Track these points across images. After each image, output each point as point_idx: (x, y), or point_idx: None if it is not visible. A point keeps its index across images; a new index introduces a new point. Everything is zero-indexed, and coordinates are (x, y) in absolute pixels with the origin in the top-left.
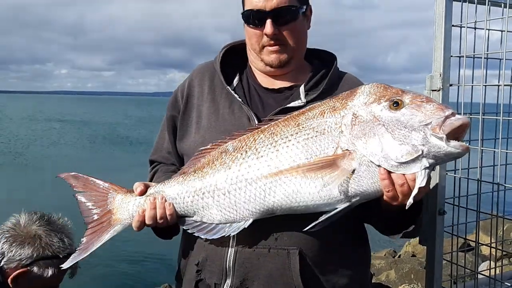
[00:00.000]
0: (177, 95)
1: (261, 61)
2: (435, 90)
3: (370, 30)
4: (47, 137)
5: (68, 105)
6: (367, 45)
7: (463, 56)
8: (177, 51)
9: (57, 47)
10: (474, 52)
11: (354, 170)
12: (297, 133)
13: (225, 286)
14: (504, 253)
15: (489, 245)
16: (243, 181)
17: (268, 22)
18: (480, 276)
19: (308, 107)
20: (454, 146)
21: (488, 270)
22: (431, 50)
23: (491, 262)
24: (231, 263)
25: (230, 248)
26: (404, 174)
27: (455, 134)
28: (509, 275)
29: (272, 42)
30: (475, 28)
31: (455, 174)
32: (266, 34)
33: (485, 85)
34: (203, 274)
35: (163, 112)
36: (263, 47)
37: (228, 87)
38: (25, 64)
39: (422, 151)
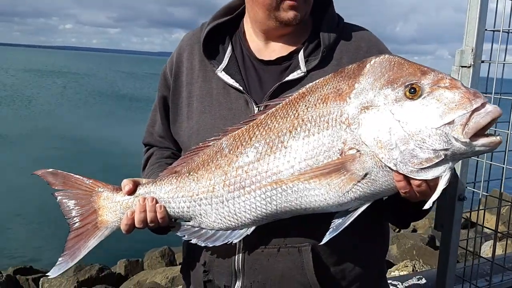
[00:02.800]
0: (165, 72)
1: (275, 20)
2: (465, 67)
3: None
4: (51, 91)
5: (73, 60)
6: (377, 12)
7: (498, 30)
8: (182, 10)
9: (61, 1)
10: (509, 27)
11: (366, 174)
12: (296, 129)
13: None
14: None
15: (505, 232)
16: (241, 189)
17: None
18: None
19: (309, 86)
20: (482, 144)
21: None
22: (441, 20)
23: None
24: (240, 264)
25: (237, 249)
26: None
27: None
28: None
29: None
30: None
31: (477, 158)
32: None
33: None
34: (211, 275)
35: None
36: (282, 1)
37: (220, 73)
38: (29, 18)
39: (445, 155)
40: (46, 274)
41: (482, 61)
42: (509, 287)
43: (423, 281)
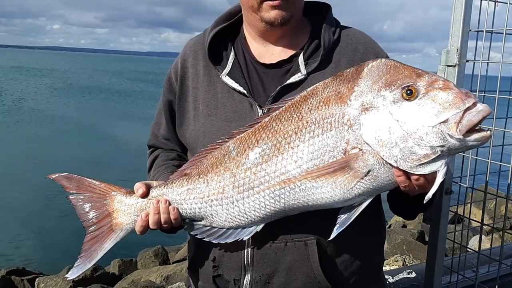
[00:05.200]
0: (170, 77)
1: (260, 21)
2: (450, 66)
3: None
4: (40, 92)
5: (61, 61)
6: (365, 11)
7: (482, 31)
8: (171, 10)
9: (48, 1)
10: (492, 28)
11: (369, 171)
12: (301, 131)
13: (245, 281)
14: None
15: (491, 225)
16: (250, 189)
17: None
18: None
19: (310, 89)
20: (475, 139)
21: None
22: (428, 18)
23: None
24: (249, 259)
25: (246, 245)
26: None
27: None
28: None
29: None
30: (496, 1)
31: (463, 153)
32: None
33: (504, 63)
34: (220, 270)
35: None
36: (262, 1)
37: (224, 77)
38: (16, 18)
39: (441, 151)
40: (65, 276)
41: (467, 61)
42: (494, 277)
43: (413, 274)
